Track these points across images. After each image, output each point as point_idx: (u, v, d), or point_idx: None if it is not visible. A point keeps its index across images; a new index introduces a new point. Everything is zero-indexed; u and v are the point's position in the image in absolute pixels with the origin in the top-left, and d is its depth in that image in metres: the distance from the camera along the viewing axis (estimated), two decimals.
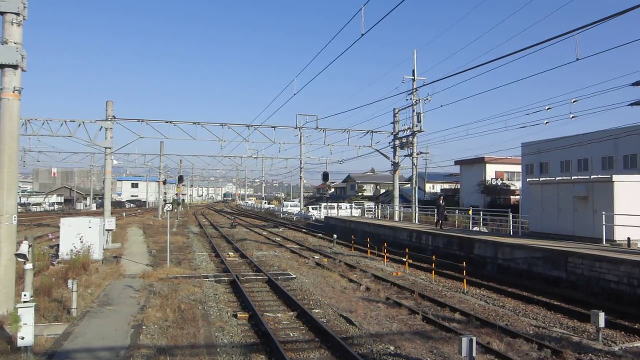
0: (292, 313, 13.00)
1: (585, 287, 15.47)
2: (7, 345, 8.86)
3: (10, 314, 10.09)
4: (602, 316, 10.67)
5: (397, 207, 39.22)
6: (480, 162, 60.52)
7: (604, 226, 18.56)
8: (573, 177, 23.19)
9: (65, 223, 20.09)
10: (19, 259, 10.08)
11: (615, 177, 19.59)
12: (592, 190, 20.10)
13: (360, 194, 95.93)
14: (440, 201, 30.33)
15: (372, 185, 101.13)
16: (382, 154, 39.10)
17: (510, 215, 26.56)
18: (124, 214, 63.69)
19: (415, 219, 36.51)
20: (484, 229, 30.79)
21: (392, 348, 9.84)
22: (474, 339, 7.46)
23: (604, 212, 18.69)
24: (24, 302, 8.55)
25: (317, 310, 13.15)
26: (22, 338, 8.24)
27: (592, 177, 21.80)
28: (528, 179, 28.55)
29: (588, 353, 9.89)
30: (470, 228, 31.06)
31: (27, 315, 8.29)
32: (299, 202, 71.44)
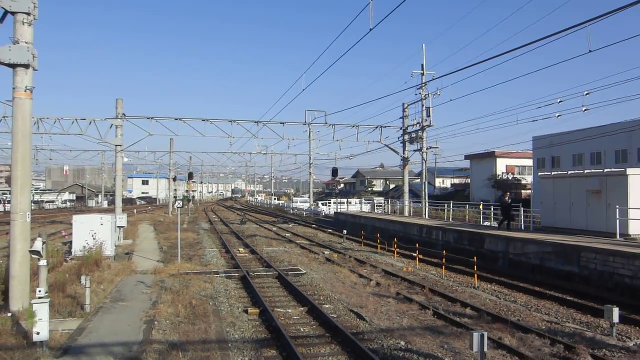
0: (302, 308, 13.03)
1: (599, 282, 15.37)
2: (23, 340, 8.96)
3: (25, 309, 10.21)
4: (616, 311, 10.60)
5: (406, 202, 39.15)
6: (491, 156, 60.20)
7: (617, 220, 18.40)
8: (586, 171, 23.04)
9: (78, 220, 20.21)
10: (33, 256, 10.17)
11: (629, 171, 19.40)
12: (605, 184, 19.93)
13: (369, 189, 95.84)
14: (506, 198, 25.06)
15: (381, 180, 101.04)
16: (392, 149, 39.05)
17: (522, 210, 26.45)
18: (135, 210, 64.07)
19: (425, 214, 36.43)
20: (494, 224, 30.66)
21: (402, 343, 9.84)
22: (486, 334, 7.45)
23: (617, 206, 18.54)
24: (39, 297, 8.63)
25: (327, 306, 13.17)
26: (38, 333, 8.33)
27: (605, 170, 21.60)
28: (540, 173, 28.34)
29: (602, 348, 9.82)
30: (481, 222, 30.96)
31: (42, 310, 8.37)
32: (309, 197, 71.47)
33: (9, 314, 10.46)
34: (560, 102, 24.53)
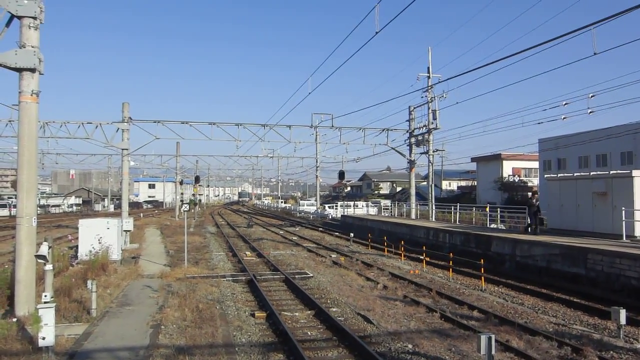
0: (309, 312, 13.01)
1: (606, 284, 15.29)
2: (28, 346, 8.97)
3: (31, 314, 10.22)
4: (623, 313, 10.55)
5: (413, 205, 39.08)
6: (497, 158, 60.11)
7: (623, 222, 18.32)
8: (592, 173, 22.94)
9: (84, 224, 20.24)
10: (39, 260, 10.19)
11: (635, 172, 19.33)
12: (611, 186, 19.85)
13: (376, 192, 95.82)
14: (534, 200, 22.01)
15: (388, 183, 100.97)
16: (398, 152, 39.01)
17: (527, 212, 26.29)
18: (141, 214, 64.21)
19: (432, 216, 36.34)
20: (501, 226, 30.57)
21: (410, 346, 9.80)
22: (493, 336, 7.40)
23: (623, 208, 18.46)
24: (45, 302, 8.63)
25: (334, 309, 13.14)
26: (43, 338, 8.33)
27: (611, 172, 21.53)
28: (546, 175, 28.23)
29: (609, 350, 9.77)
30: (488, 225, 30.85)
31: (47, 315, 8.37)
32: (315, 201, 71.50)
33: (15, 319, 10.49)
34: (565, 104, 24.47)
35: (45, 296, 8.84)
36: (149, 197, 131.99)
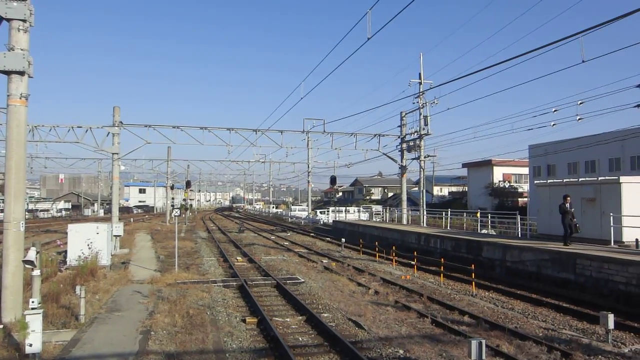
0: (300, 317, 12.98)
1: (594, 289, 15.37)
2: (15, 353, 8.88)
3: (18, 320, 10.11)
4: (611, 318, 10.60)
5: (405, 211, 39.13)
6: (488, 164, 60.31)
7: (612, 227, 18.45)
8: (580, 179, 23.09)
9: (73, 229, 20.10)
10: (26, 266, 10.11)
11: (622, 179, 19.49)
12: (599, 192, 19.98)
13: (368, 197, 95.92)
14: (567, 204, 18.56)
15: (379, 188, 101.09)
16: (390, 157, 39.08)
17: (518, 218, 26.44)
18: (131, 219, 63.85)
19: (423, 222, 36.42)
20: (492, 232, 30.68)
21: (401, 352, 9.79)
22: (484, 341, 7.42)
23: (611, 214, 18.59)
24: (32, 308, 8.56)
25: (325, 315, 13.11)
26: (30, 345, 8.25)
27: (599, 178, 21.66)
28: (535, 181, 28.38)
29: (598, 355, 9.81)
30: (479, 230, 30.95)
31: (35, 322, 8.30)
32: (307, 206, 71.44)
33: (1, 326, 10.38)
34: (555, 111, 24.56)
35: (33, 302, 8.76)
36: (140, 201, 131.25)
